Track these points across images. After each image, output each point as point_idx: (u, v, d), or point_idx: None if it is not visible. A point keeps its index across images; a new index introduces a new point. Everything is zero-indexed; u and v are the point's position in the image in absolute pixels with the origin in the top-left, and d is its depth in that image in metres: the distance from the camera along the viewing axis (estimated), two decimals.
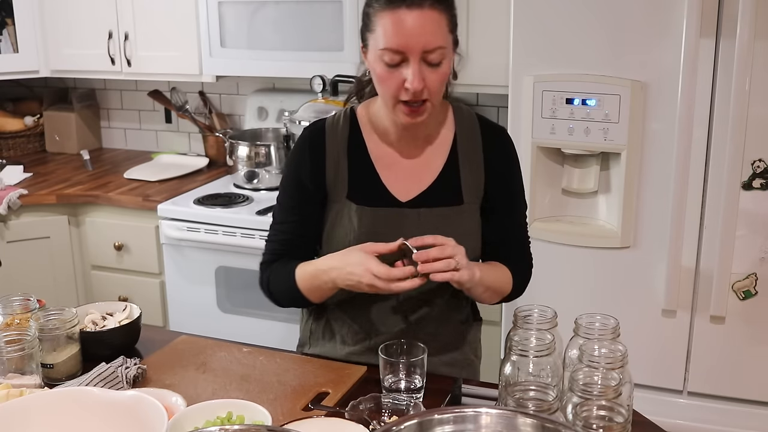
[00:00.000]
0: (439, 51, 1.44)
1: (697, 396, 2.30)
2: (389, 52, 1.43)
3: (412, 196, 1.60)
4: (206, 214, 2.80)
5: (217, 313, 2.90)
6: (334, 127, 1.63)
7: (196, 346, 1.71)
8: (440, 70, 1.46)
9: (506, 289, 1.64)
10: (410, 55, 1.43)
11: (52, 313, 1.59)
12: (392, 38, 1.43)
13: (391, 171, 1.61)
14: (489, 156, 1.63)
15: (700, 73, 2.07)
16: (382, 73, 1.47)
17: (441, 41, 1.44)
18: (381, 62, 1.46)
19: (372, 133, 1.63)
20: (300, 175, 1.63)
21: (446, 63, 1.48)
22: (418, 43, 1.42)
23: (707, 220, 2.17)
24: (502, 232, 1.65)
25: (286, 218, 1.66)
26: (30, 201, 3.04)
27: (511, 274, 1.64)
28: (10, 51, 3.30)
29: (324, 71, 2.80)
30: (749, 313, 2.19)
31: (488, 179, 1.63)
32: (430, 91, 1.47)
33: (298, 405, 1.45)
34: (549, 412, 1.12)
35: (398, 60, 1.44)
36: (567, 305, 1.54)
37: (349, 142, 1.62)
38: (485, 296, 1.61)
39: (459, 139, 1.64)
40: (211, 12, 2.93)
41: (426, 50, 1.43)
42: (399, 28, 1.42)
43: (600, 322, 1.35)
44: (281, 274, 1.63)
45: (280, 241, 1.66)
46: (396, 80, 1.46)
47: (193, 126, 3.51)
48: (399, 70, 1.45)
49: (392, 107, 1.51)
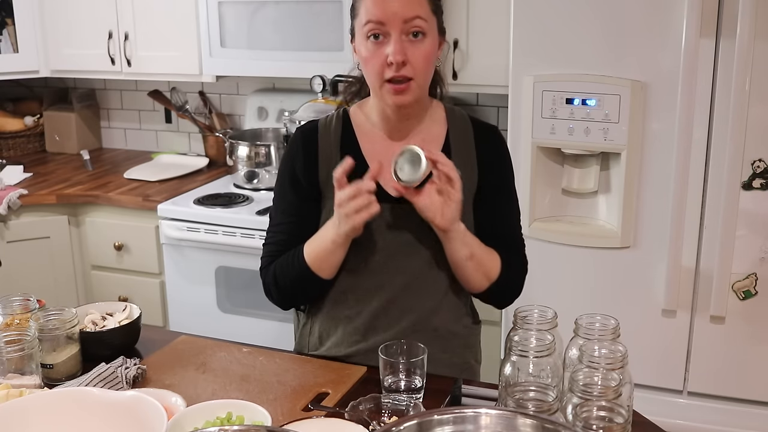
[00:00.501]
0: (419, 20, 1.48)
1: (697, 396, 2.30)
2: (371, 24, 1.49)
3: None
4: (206, 214, 2.80)
5: (217, 313, 2.90)
6: (327, 127, 1.65)
7: (196, 346, 1.71)
8: (422, 46, 1.50)
9: (493, 269, 1.60)
10: (390, 27, 1.48)
11: (52, 313, 1.59)
12: (373, 10, 1.49)
13: (384, 168, 1.62)
14: (481, 153, 1.64)
15: (700, 73, 2.07)
16: (367, 54, 1.51)
17: (420, 12, 1.49)
18: (365, 41, 1.51)
19: (365, 132, 1.65)
20: (294, 174, 1.64)
21: (429, 41, 1.51)
22: (396, 13, 1.47)
23: (707, 220, 2.17)
24: (494, 227, 1.64)
25: (282, 219, 1.67)
26: (30, 201, 3.04)
27: (500, 261, 1.61)
28: (10, 51, 3.30)
29: (324, 71, 2.80)
30: (749, 313, 2.19)
31: (481, 175, 1.63)
32: (414, 68, 1.50)
33: (297, 405, 1.45)
34: (549, 413, 1.12)
35: (380, 31, 1.49)
36: (567, 305, 1.54)
37: (342, 141, 1.63)
38: (469, 265, 1.58)
39: (451, 136, 1.64)
40: (211, 12, 2.93)
41: (405, 20, 1.47)
42: (379, 1, 1.48)
43: (600, 323, 1.35)
44: (288, 262, 1.62)
45: (277, 242, 1.66)
46: (379, 58, 1.50)
47: (193, 126, 3.51)
48: (382, 48, 1.49)
49: (379, 89, 1.53)
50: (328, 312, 1.69)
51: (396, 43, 1.48)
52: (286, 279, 1.63)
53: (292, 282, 1.63)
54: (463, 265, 1.58)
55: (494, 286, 1.62)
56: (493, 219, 1.64)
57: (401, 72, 1.49)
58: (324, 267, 1.59)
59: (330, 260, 1.58)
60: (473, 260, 1.57)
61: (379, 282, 1.62)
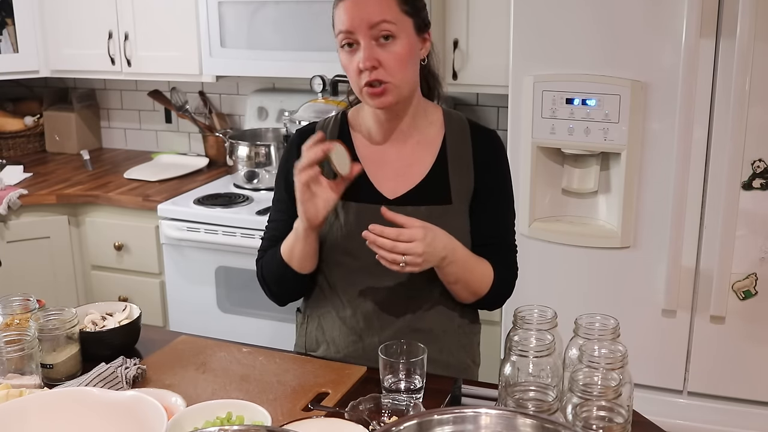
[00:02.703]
0: (386, 24, 1.49)
1: (697, 396, 2.30)
2: (342, 34, 1.52)
3: (399, 193, 1.61)
4: (206, 214, 2.80)
5: (217, 313, 2.90)
6: (324, 129, 1.67)
7: (196, 346, 1.71)
8: (394, 48, 1.51)
9: (481, 288, 1.61)
10: (359, 34, 1.49)
11: (52, 313, 1.59)
12: (341, 21, 1.51)
13: (380, 170, 1.63)
14: (478, 157, 1.64)
15: (700, 73, 2.07)
16: (344, 62, 1.54)
17: (387, 15, 1.49)
18: (342, 51, 1.54)
19: (362, 135, 1.67)
20: (288, 174, 1.64)
21: (401, 42, 1.51)
22: (362, 19, 1.48)
23: (707, 220, 2.17)
24: (488, 233, 1.64)
25: (276, 217, 1.72)
26: (30, 201, 3.04)
27: (492, 277, 1.61)
28: (10, 51, 3.30)
29: (324, 71, 2.80)
30: (749, 313, 2.19)
31: (477, 180, 1.63)
32: (388, 71, 1.51)
33: (297, 405, 1.45)
34: (549, 413, 1.12)
35: (351, 41, 1.51)
36: (567, 305, 1.54)
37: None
38: (454, 288, 1.60)
39: (448, 139, 1.64)
40: (211, 12, 2.93)
41: (371, 25, 1.48)
42: (346, 10, 1.51)
43: (600, 323, 1.35)
44: (270, 256, 1.68)
45: (269, 238, 1.72)
46: (354, 65, 1.51)
47: (193, 126, 3.51)
48: (355, 55, 1.52)
49: (360, 94, 1.56)
50: (323, 313, 1.70)
51: (365, 50, 1.49)
52: (268, 272, 1.68)
53: (272, 275, 1.68)
54: (449, 287, 1.62)
55: (480, 301, 1.65)
56: (486, 222, 1.64)
57: (374, 76, 1.50)
58: (294, 258, 1.62)
59: (296, 251, 1.60)
60: (458, 285, 1.60)
61: (372, 283, 1.62)
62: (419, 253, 1.45)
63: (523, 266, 1.74)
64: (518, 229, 1.77)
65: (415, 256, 1.45)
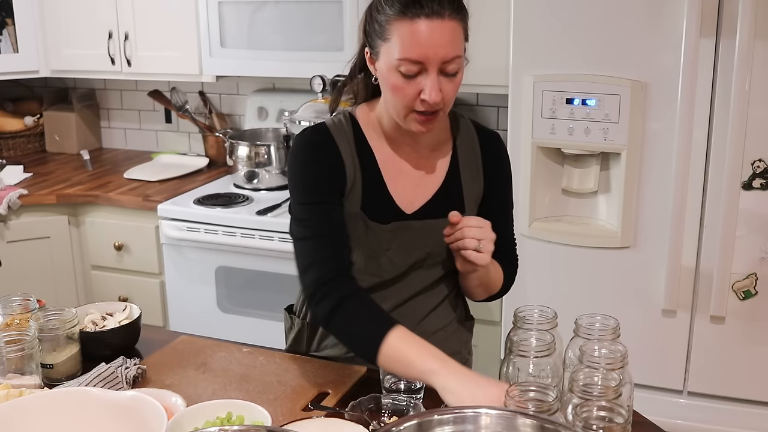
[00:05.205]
0: (457, 61, 1.43)
1: (697, 396, 2.30)
2: (407, 62, 1.40)
3: (416, 206, 1.59)
4: (206, 214, 2.80)
5: (217, 313, 2.90)
6: (339, 129, 1.58)
7: (196, 346, 1.71)
8: (456, 80, 1.45)
9: (495, 287, 1.67)
10: (429, 66, 1.40)
11: (52, 313, 1.59)
12: (411, 48, 1.39)
13: (398, 180, 1.59)
14: (487, 164, 1.64)
15: (700, 73, 2.07)
16: (398, 83, 1.43)
17: (459, 51, 1.42)
18: (396, 72, 1.42)
19: (376, 139, 1.59)
20: (324, 167, 1.54)
21: (461, 72, 1.47)
22: (437, 53, 1.39)
23: (707, 220, 2.17)
24: (496, 234, 1.64)
25: (309, 215, 1.53)
26: (30, 201, 3.04)
27: (503, 273, 1.66)
28: (10, 51, 3.30)
29: (324, 71, 2.80)
30: (749, 313, 2.19)
31: (486, 185, 1.64)
32: (445, 101, 1.45)
33: (297, 405, 1.45)
34: (549, 413, 1.12)
35: (416, 71, 1.42)
36: (567, 305, 1.54)
37: (356, 146, 1.58)
38: (477, 291, 1.65)
39: (459, 146, 1.63)
40: (211, 12, 2.93)
41: (445, 60, 1.41)
42: (418, 38, 1.39)
43: (600, 323, 1.35)
44: (360, 319, 1.46)
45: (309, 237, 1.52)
46: (412, 91, 1.43)
47: (193, 126, 3.51)
48: (415, 81, 1.42)
49: (404, 117, 1.48)
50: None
51: (434, 83, 1.41)
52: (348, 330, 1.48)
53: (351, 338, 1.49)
54: (471, 290, 1.66)
55: (490, 297, 1.70)
56: (494, 224, 1.63)
57: (435, 108, 1.45)
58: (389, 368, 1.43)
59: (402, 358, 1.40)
60: (480, 287, 1.64)
61: (385, 296, 1.60)
62: (492, 238, 1.49)
63: (523, 266, 1.74)
64: (518, 229, 1.77)
65: (489, 241, 1.48)
